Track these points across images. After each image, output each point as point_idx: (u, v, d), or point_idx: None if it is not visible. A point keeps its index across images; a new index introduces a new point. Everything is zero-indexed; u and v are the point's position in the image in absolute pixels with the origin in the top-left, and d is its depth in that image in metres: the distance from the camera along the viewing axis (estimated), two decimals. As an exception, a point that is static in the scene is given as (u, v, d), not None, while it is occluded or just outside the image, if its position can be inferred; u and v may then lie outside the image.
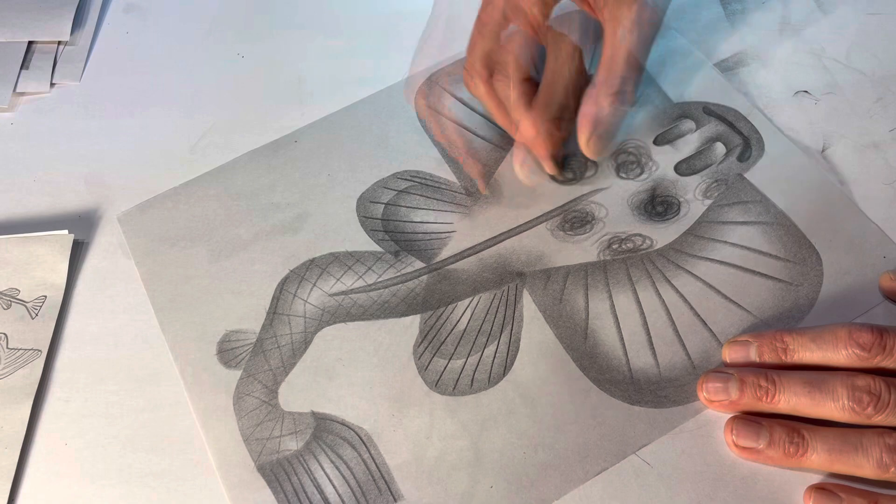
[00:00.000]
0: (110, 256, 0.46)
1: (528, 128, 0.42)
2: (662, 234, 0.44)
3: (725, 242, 0.43)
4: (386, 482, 0.38)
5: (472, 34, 0.43)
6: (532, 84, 0.42)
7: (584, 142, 0.42)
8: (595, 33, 0.43)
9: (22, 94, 0.53)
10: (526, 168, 0.44)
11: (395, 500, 0.37)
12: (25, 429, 0.40)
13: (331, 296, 0.43)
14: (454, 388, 0.40)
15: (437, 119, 0.43)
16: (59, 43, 0.55)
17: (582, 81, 0.41)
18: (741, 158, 0.46)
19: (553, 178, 0.45)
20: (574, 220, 0.45)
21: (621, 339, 0.41)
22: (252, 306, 0.43)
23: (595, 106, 0.41)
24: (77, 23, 0.56)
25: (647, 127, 0.47)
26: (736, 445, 0.36)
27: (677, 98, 0.48)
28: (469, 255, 0.44)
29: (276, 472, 0.38)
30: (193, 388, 0.41)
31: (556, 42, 0.40)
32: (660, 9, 0.40)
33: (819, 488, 0.35)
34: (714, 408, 0.38)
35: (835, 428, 0.35)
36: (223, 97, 0.52)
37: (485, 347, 0.41)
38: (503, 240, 0.44)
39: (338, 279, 0.44)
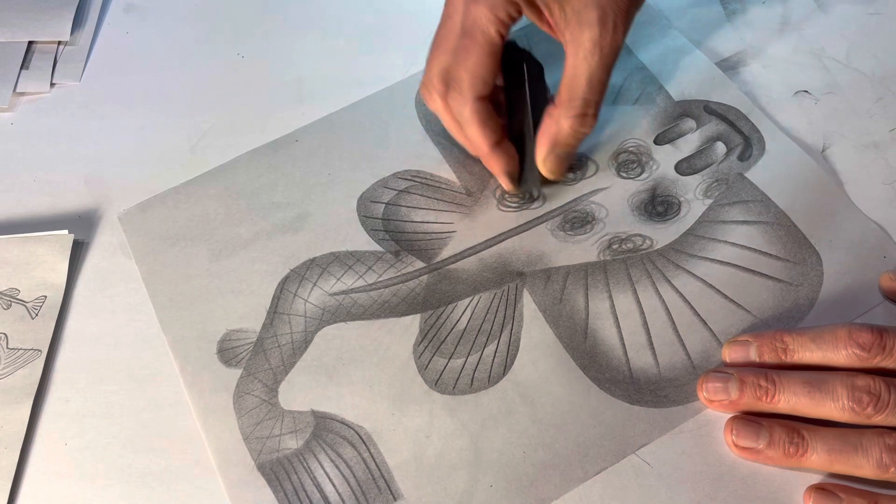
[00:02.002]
0: (110, 256, 0.46)
1: (481, 147, 0.43)
2: (663, 235, 0.44)
3: (726, 242, 0.43)
4: (385, 481, 0.38)
5: (430, 49, 0.43)
6: (487, 102, 0.42)
7: (542, 160, 0.43)
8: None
9: (22, 94, 0.53)
10: (506, 180, 0.45)
11: (395, 499, 0.37)
12: (25, 429, 0.40)
13: (331, 295, 0.43)
14: (454, 387, 0.40)
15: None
16: (59, 43, 0.55)
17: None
18: (742, 158, 0.46)
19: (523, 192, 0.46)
20: (574, 220, 0.45)
21: (621, 338, 0.41)
22: (252, 305, 0.43)
23: (556, 126, 0.42)
24: (77, 23, 0.56)
25: (648, 126, 0.47)
26: (736, 445, 0.36)
27: (678, 96, 0.48)
28: (469, 255, 0.44)
29: (275, 471, 0.38)
30: (193, 387, 0.41)
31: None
32: (620, 31, 0.40)
33: (819, 488, 0.35)
34: (714, 408, 0.38)
35: (835, 428, 0.35)
36: (223, 97, 0.52)
37: (485, 347, 0.41)
38: (503, 240, 0.44)
39: (338, 279, 0.44)
